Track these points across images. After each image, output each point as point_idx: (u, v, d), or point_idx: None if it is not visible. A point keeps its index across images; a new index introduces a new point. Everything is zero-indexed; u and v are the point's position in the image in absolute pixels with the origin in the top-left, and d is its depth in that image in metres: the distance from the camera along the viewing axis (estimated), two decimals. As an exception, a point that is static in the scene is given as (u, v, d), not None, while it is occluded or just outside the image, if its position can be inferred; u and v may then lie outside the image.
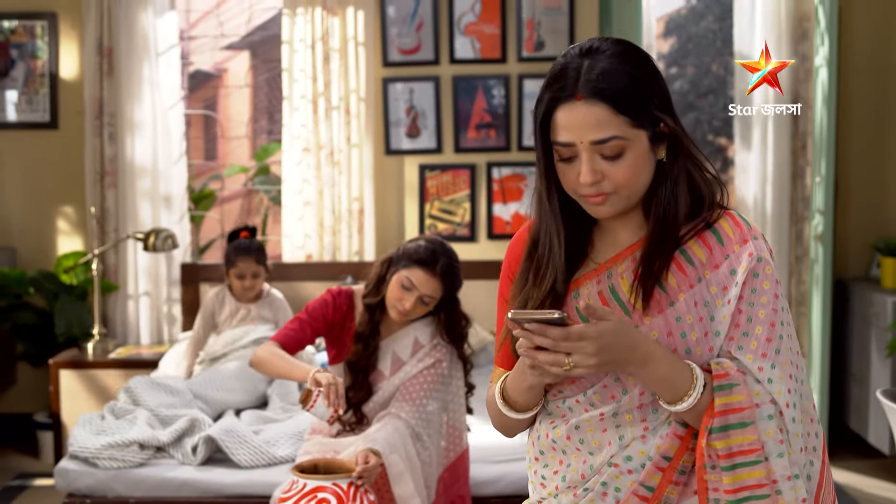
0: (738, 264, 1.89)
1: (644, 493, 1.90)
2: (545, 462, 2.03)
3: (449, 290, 3.64)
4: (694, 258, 1.91)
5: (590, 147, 1.86)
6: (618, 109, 1.84)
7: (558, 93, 1.88)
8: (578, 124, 1.85)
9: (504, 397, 2.02)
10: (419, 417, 3.59)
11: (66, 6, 6.22)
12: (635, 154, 1.87)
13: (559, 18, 6.10)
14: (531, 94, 6.12)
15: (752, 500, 1.82)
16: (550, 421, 2.01)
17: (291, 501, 3.27)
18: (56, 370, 5.59)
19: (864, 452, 5.82)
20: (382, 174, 6.21)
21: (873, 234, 6.14)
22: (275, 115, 8.86)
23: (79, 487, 4.17)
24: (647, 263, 1.92)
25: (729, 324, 1.88)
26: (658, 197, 1.93)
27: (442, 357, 3.68)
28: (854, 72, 6.13)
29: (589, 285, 1.97)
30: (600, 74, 1.85)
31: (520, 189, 6.20)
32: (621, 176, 1.87)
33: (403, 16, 6.16)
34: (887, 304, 5.52)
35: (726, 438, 1.82)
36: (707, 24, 11.15)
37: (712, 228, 1.93)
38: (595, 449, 1.95)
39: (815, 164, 5.61)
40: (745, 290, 1.88)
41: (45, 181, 6.30)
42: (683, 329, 1.88)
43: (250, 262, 5.11)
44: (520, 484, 4.18)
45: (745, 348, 1.86)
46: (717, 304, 1.89)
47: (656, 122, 1.90)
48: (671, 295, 1.90)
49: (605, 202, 1.90)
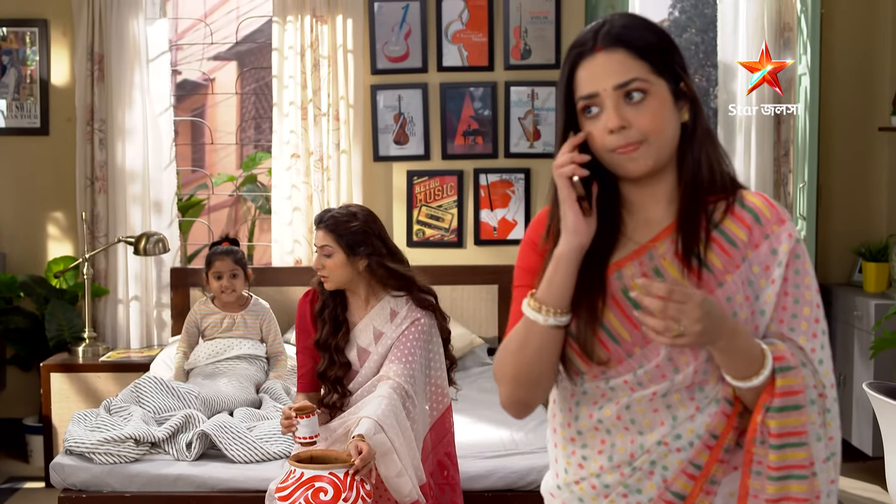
0: (779, 244, 1.91)
1: (692, 472, 1.93)
2: (584, 442, 2.02)
3: (340, 237, 3.72)
4: (736, 239, 1.92)
5: (613, 93, 1.87)
6: (638, 54, 1.88)
7: (580, 49, 1.92)
8: (600, 72, 1.88)
9: (536, 301, 1.94)
10: (408, 375, 3.65)
11: (57, 13, 6.26)
12: (659, 101, 1.89)
13: (546, 27, 6.18)
14: (518, 102, 6.20)
15: (793, 479, 1.86)
16: (594, 401, 1.99)
17: (288, 491, 3.29)
18: (47, 373, 5.62)
19: (848, 455, 5.85)
20: (371, 180, 6.26)
21: (856, 240, 6.22)
22: (262, 125, 8.91)
23: (74, 482, 4.19)
24: (686, 237, 1.93)
25: (775, 304, 1.91)
26: (686, 163, 1.95)
27: (420, 315, 3.75)
28: (836, 79, 6.22)
29: (631, 266, 1.96)
30: (620, 27, 1.90)
31: (507, 196, 6.26)
32: (647, 121, 1.87)
33: (392, 24, 6.22)
34: (870, 307, 5.61)
35: (781, 419, 1.85)
36: (689, 37, 11.23)
37: (747, 207, 1.95)
38: (646, 429, 1.95)
39: (798, 171, 5.69)
40: (788, 272, 1.91)
41: (36, 187, 6.33)
42: (734, 309, 1.90)
43: (227, 261, 5.11)
44: (510, 478, 4.21)
45: (797, 329, 1.91)
46: (762, 283, 1.91)
47: (677, 78, 1.92)
48: (718, 276, 1.91)
49: (637, 152, 1.88)
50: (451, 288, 5.92)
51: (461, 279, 6.01)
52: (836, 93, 6.23)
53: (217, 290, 5.11)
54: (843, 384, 5.91)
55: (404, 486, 3.50)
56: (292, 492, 3.29)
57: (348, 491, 3.28)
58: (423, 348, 3.75)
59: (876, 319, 5.46)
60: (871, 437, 5.58)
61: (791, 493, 1.87)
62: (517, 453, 4.34)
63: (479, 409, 4.88)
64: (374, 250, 3.73)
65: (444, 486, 3.79)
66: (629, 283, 1.92)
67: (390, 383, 3.61)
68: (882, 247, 6.00)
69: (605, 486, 1.99)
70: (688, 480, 1.93)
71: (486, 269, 6.07)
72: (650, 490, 1.95)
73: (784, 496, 1.87)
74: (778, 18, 5.96)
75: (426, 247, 6.18)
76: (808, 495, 1.87)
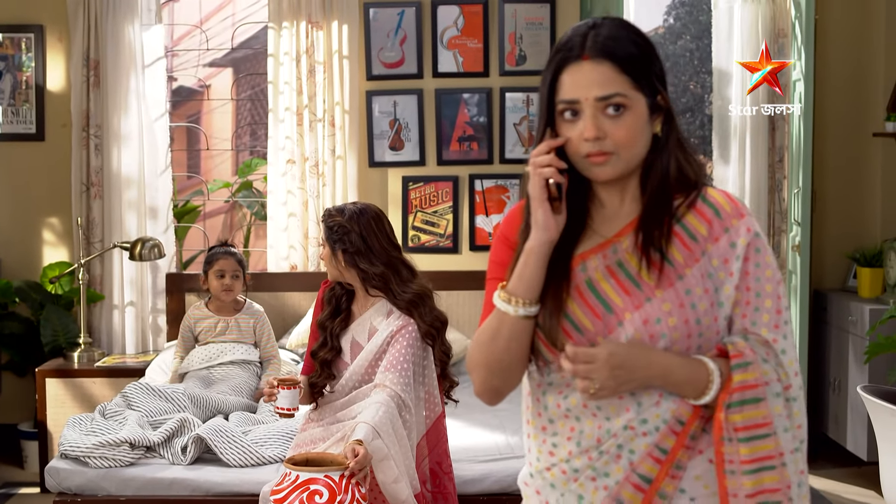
0: (738, 237, 2.00)
1: (658, 455, 1.98)
2: (554, 430, 2.08)
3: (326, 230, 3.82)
4: (696, 233, 2.00)
5: (594, 104, 1.95)
6: (622, 69, 1.95)
7: (566, 54, 1.98)
8: (585, 82, 1.96)
9: (506, 293, 2.03)
10: (404, 384, 3.65)
11: (52, 19, 6.27)
12: (635, 116, 1.97)
13: (541, 33, 6.20)
14: (513, 108, 6.21)
15: (764, 471, 1.93)
16: (559, 391, 2.06)
17: (283, 493, 3.30)
18: (42, 379, 5.62)
19: (842, 460, 5.89)
20: (366, 186, 6.26)
21: (850, 245, 6.24)
22: (258, 131, 8.92)
23: (69, 486, 4.18)
24: (647, 233, 2.00)
25: (735, 298, 1.99)
26: (654, 168, 2.02)
27: (406, 323, 3.76)
28: (830, 85, 6.24)
29: (595, 259, 2.03)
30: (607, 38, 1.97)
31: (502, 201, 6.27)
32: (622, 134, 1.95)
33: (387, 30, 6.23)
34: (865, 312, 5.62)
35: (742, 412, 1.93)
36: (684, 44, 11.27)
37: (707, 202, 2.03)
38: (612, 414, 2.01)
39: (792, 176, 5.70)
40: (749, 265, 1.99)
41: (32, 192, 6.33)
42: (693, 301, 1.97)
43: (230, 260, 5.11)
44: (505, 482, 4.21)
45: (759, 322, 1.99)
46: (721, 276, 1.99)
47: (654, 92, 2.00)
48: (678, 269, 1.98)
49: (606, 162, 1.97)
50: (447, 293, 5.89)
51: (456, 285, 6.01)
52: (830, 98, 6.25)
53: (217, 288, 5.09)
54: (838, 389, 5.92)
55: (401, 492, 3.50)
56: (287, 494, 3.29)
57: (343, 494, 3.28)
58: (417, 355, 3.76)
59: (870, 324, 5.47)
60: (865, 442, 5.60)
61: (765, 484, 1.93)
62: (512, 457, 4.34)
63: (474, 414, 4.89)
64: (351, 247, 3.76)
65: (436, 494, 3.79)
66: (593, 274, 2.01)
67: (387, 391, 3.62)
68: (876, 252, 6.02)
69: (574, 470, 2.05)
70: (654, 464, 1.99)
71: (482, 275, 5.93)
72: (617, 473, 2.01)
73: (760, 489, 1.93)
74: (772, 25, 5.98)
75: (421, 252, 6.19)
76: (780, 485, 1.94)
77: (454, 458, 4.01)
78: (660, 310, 1.96)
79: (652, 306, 1.96)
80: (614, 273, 2.01)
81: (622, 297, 1.99)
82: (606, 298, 2.00)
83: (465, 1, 6.20)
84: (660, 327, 1.96)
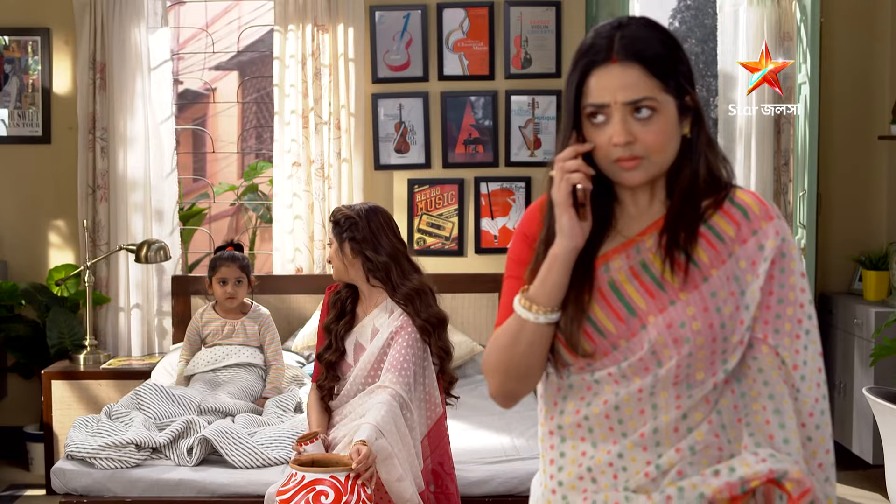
0: (766, 240, 1.95)
1: (653, 472, 1.95)
2: (563, 436, 2.05)
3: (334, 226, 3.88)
4: (724, 234, 1.96)
5: (623, 108, 1.90)
6: (651, 72, 1.91)
7: (593, 57, 1.94)
8: (614, 85, 1.91)
9: (527, 299, 1.99)
10: (405, 384, 3.68)
11: (59, 22, 6.29)
12: (665, 119, 1.92)
13: (546, 36, 6.20)
14: (519, 111, 6.22)
15: None
16: (580, 396, 2.02)
17: (289, 494, 3.31)
18: (48, 381, 5.63)
19: (848, 463, 5.88)
20: (372, 189, 6.27)
21: (856, 248, 6.24)
22: (263, 134, 8.93)
23: (75, 487, 4.19)
24: (672, 234, 1.96)
25: (759, 301, 1.94)
26: (683, 171, 1.98)
27: (405, 323, 3.78)
28: (836, 88, 6.24)
29: (618, 259, 1.99)
30: (636, 39, 1.92)
31: (507, 204, 6.27)
32: (652, 139, 1.91)
33: (393, 33, 6.24)
34: (870, 315, 5.62)
35: None
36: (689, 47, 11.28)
37: (736, 203, 1.98)
38: (631, 430, 1.97)
39: (798, 179, 5.70)
40: (774, 270, 1.94)
41: (38, 195, 6.34)
42: (718, 304, 1.93)
43: (233, 267, 5.12)
44: (510, 483, 4.21)
45: (781, 331, 1.94)
46: (747, 278, 1.94)
47: (683, 93, 1.95)
48: (704, 271, 1.94)
49: (637, 167, 1.93)
50: (452, 296, 5.92)
51: (461, 287, 6.02)
52: (835, 101, 6.25)
53: (221, 295, 5.11)
54: (844, 392, 5.92)
55: (405, 491, 3.51)
56: (293, 495, 3.30)
57: (349, 494, 3.29)
58: (417, 356, 3.77)
59: (876, 327, 5.47)
60: (871, 444, 5.59)
61: None
62: (517, 459, 4.35)
63: (480, 416, 4.90)
64: (358, 234, 3.81)
65: (439, 495, 3.80)
66: (616, 276, 1.97)
67: (389, 391, 3.64)
68: (882, 255, 6.02)
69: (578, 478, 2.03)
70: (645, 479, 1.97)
71: (487, 278, 6.07)
72: None
73: None
74: (778, 28, 5.99)
75: (427, 255, 6.19)
76: None
77: (460, 460, 4.02)
78: (684, 313, 1.92)
79: (676, 309, 1.93)
80: (638, 275, 1.98)
81: (646, 299, 1.96)
82: (630, 301, 1.96)
83: (471, 4, 6.21)
84: (684, 331, 1.92)
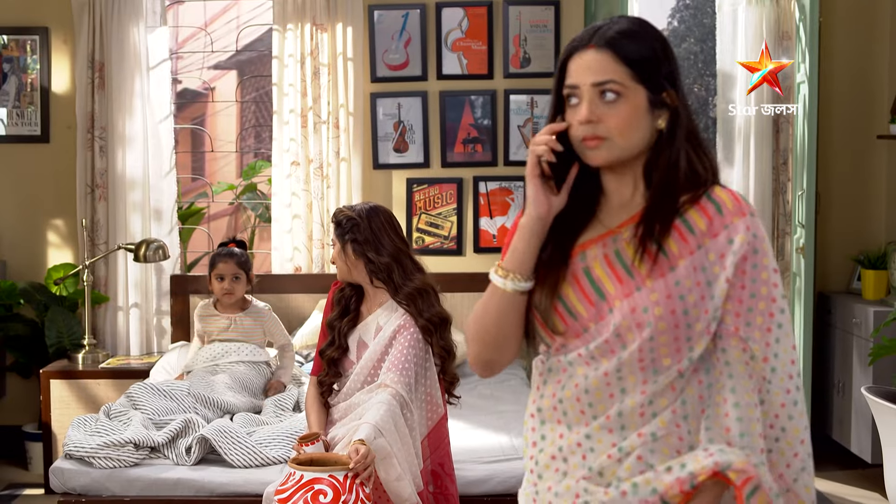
0: (736, 234, 2.02)
1: (616, 454, 2.04)
2: (542, 419, 2.15)
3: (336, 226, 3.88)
4: (695, 227, 2.04)
5: (590, 89, 2.03)
6: (622, 59, 2.02)
7: (577, 44, 2.07)
8: (585, 68, 2.05)
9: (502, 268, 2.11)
10: (405, 383, 3.68)
11: (58, 21, 6.29)
12: (632, 105, 2.04)
13: (545, 35, 6.20)
14: (517, 110, 6.22)
15: None
16: (557, 380, 2.12)
17: (288, 493, 3.31)
18: (46, 380, 5.63)
19: (847, 462, 5.89)
20: (370, 188, 6.27)
21: (854, 248, 6.24)
22: (262, 134, 8.93)
23: (73, 487, 4.19)
24: (648, 226, 2.04)
25: (726, 290, 2.01)
26: (658, 165, 2.07)
27: (407, 322, 3.79)
28: (835, 87, 6.24)
29: (595, 248, 2.10)
30: (617, 31, 2.05)
31: (506, 203, 6.28)
32: (615, 121, 2.02)
33: (392, 32, 6.24)
34: (869, 314, 5.62)
35: None
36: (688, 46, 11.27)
37: (712, 199, 2.06)
38: (600, 413, 2.06)
39: (797, 179, 5.70)
40: (746, 265, 2.02)
41: (37, 194, 6.34)
42: (682, 292, 2.00)
43: (230, 263, 5.11)
44: (509, 483, 4.21)
45: (753, 323, 2.02)
46: (715, 270, 2.02)
47: (660, 88, 2.05)
48: (672, 260, 2.02)
49: (600, 147, 2.04)
50: (451, 295, 5.89)
51: (460, 287, 6.00)
52: (834, 101, 6.26)
53: (218, 291, 5.11)
54: (842, 391, 5.92)
55: (404, 490, 3.52)
56: (292, 494, 3.30)
57: (348, 493, 3.29)
58: (419, 356, 3.77)
59: (874, 326, 5.47)
60: (870, 444, 5.60)
61: None
62: (516, 458, 4.34)
63: (479, 415, 4.90)
64: (360, 236, 3.80)
65: (438, 495, 3.80)
66: (591, 263, 2.08)
67: (389, 391, 3.64)
68: (881, 254, 6.02)
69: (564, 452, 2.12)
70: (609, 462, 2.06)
71: (486, 277, 6.00)
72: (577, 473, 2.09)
73: None
74: (777, 27, 5.98)
75: (426, 254, 6.18)
76: None
77: (458, 459, 4.01)
78: (647, 299, 2.00)
79: (641, 295, 2.01)
80: (611, 262, 2.07)
81: (615, 284, 2.04)
82: (600, 285, 2.06)
83: (470, 3, 6.21)
84: (646, 316, 1.99)
